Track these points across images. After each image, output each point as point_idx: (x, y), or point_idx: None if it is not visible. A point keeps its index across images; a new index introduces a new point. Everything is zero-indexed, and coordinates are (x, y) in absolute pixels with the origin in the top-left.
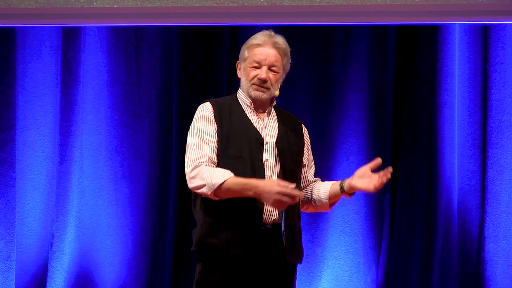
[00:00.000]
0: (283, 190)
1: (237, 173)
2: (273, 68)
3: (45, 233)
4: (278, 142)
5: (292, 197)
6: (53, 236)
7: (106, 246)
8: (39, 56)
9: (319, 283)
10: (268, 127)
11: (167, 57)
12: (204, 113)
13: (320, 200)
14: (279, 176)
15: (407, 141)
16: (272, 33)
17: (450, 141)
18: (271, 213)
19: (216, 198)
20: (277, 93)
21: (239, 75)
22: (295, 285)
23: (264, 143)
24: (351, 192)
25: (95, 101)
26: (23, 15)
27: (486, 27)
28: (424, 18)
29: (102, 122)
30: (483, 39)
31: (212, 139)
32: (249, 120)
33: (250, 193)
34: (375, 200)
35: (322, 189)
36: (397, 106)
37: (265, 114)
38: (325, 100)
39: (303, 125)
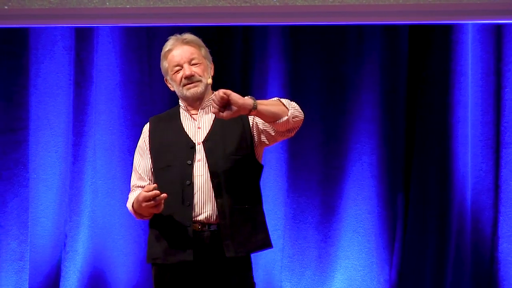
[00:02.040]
0: (144, 196)
1: (167, 183)
2: (194, 61)
3: (58, 233)
4: (206, 140)
5: (152, 199)
6: (66, 236)
7: (119, 246)
8: (52, 56)
9: (332, 283)
10: (202, 126)
11: None
12: (141, 136)
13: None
14: (210, 174)
15: (420, 141)
16: (178, 34)
17: (463, 141)
18: (203, 213)
19: (145, 218)
20: (209, 81)
21: (171, 89)
22: (250, 276)
23: (196, 144)
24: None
25: (107, 101)
26: (36, 16)
27: (499, 27)
28: (437, 18)
29: (115, 122)
30: (496, 38)
31: (142, 163)
32: (182, 126)
33: (143, 209)
34: (388, 200)
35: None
36: (410, 105)
37: (200, 112)
38: (338, 100)
39: None
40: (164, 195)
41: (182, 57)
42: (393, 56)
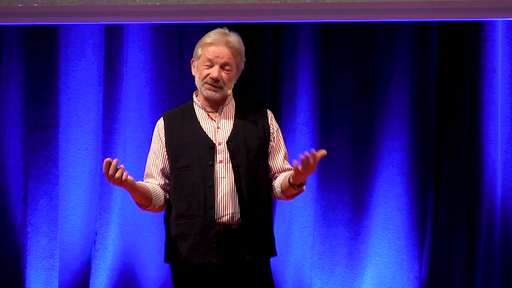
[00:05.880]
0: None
1: (188, 184)
2: (226, 67)
3: (88, 230)
4: (230, 141)
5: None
6: (96, 234)
7: (149, 243)
8: (82, 54)
9: (362, 280)
10: (221, 127)
11: None
12: (155, 134)
13: (277, 189)
14: (234, 175)
15: (450, 138)
16: (227, 31)
17: (493, 138)
18: (226, 215)
19: (143, 208)
20: (229, 92)
21: (193, 72)
22: (269, 275)
23: (217, 144)
24: (297, 183)
25: (138, 99)
26: (66, 13)
27: None
28: (467, 15)
29: (145, 120)
30: None
31: (154, 161)
32: (200, 125)
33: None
34: (418, 197)
35: (279, 179)
36: (440, 103)
37: (219, 112)
38: (368, 97)
39: (268, 112)
40: (114, 161)
41: (218, 58)
42: (424, 54)
